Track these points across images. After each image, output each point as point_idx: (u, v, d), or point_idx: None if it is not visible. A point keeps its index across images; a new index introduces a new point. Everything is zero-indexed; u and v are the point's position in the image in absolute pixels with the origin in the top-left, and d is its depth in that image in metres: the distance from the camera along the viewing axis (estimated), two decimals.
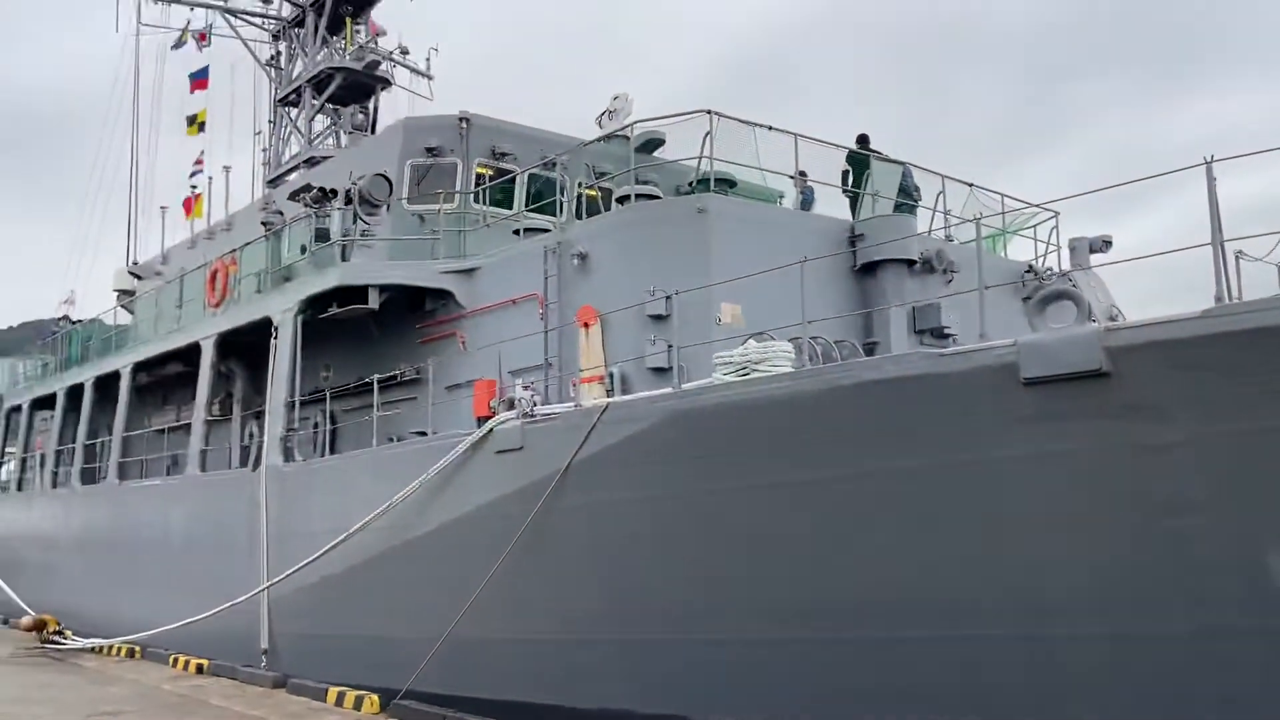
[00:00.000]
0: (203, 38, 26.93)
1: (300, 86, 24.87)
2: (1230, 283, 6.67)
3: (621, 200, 13.13)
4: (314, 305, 14.62)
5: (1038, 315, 7.14)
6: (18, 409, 26.51)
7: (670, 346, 10.95)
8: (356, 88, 24.43)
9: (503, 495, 10.43)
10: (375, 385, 13.28)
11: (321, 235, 15.37)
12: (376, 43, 25.36)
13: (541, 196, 15.57)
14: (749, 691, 8.99)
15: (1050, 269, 14.59)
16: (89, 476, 20.98)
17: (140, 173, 27.02)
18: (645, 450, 9.06)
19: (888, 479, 7.77)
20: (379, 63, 24.54)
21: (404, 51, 26.95)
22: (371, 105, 25.23)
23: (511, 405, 10.46)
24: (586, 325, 11.74)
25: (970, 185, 14.54)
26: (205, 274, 18.08)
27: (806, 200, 13.90)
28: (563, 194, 15.33)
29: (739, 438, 8.48)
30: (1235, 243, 6.84)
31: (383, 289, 14.03)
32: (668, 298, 11.03)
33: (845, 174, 13.78)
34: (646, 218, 11.81)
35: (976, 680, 7.89)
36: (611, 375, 11.30)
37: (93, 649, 16.87)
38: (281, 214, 16.90)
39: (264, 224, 16.92)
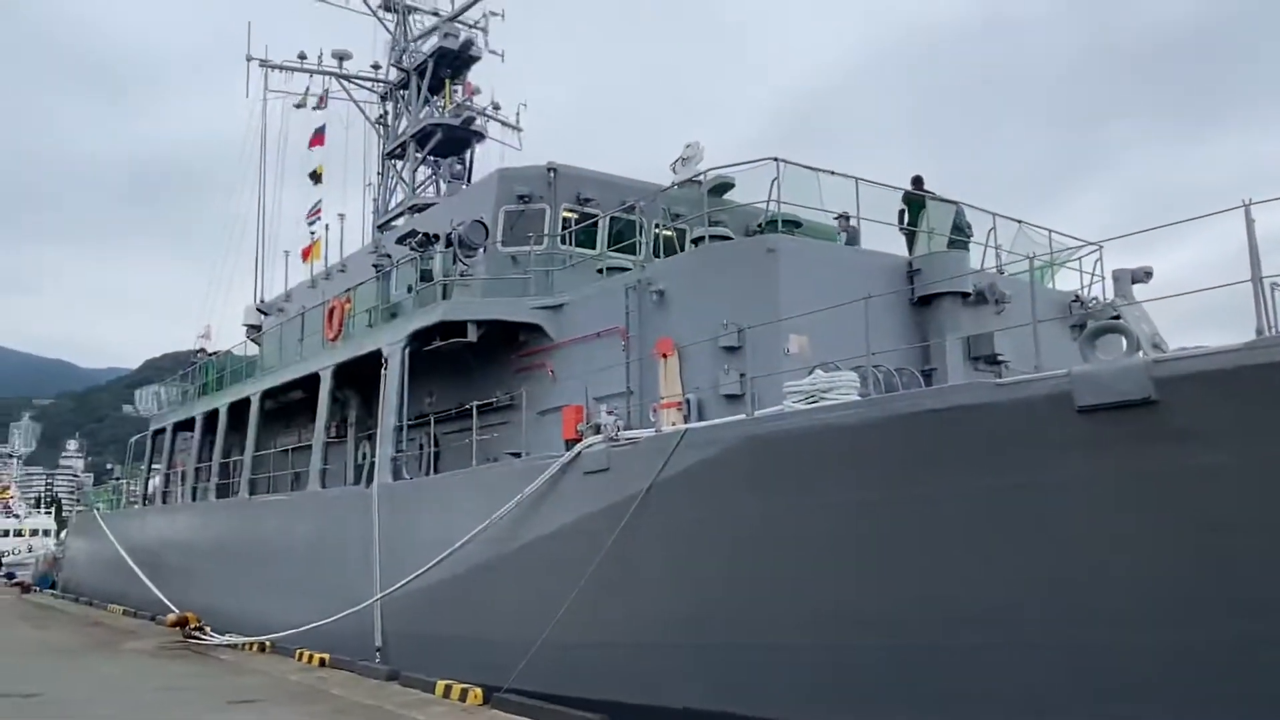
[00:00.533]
0: (321, 100, 27.96)
1: (405, 141, 25.68)
2: (1268, 316, 6.54)
3: (696, 241, 13.29)
4: (419, 338, 15.07)
5: (1089, 347, 7.06)
6: (162, 431, 27.70)
7: (742, 375, 11.07)
8: (454, 141, 25.12)
9: (591, 512, 10.60)
10: (474, 411, 13.62)
11: (425, 276, 15.88)
12: (472, 101, 26.06)
13: (622, 237, 15.85)
14: (817, 693, 8.97)
15: (1095, 299, 14.37)
16: (223, 491, 21.86)
17: (266, 220, 28.06)
18: (721, 472, 9.16)
19: (948, 499, 7.73)
20: (474, 119, 25.21)
21: (496, 107, 27.73)
22: (467, 156, 25.95)
23: (598, 430, 10.65)
24: (665, 356, 11.90)
25: (1020, 222, 14.37)
26: (323, 311, 18.75)
27: (851, 239, 13.94)
28: (641, 235, 15.62)
29: (808, 461, 8.52)
30: (1270, 279, 6.70)
31: (480, 324, 14.43)
32: (740, 330, 11.17)
33: (901, 213, 13.74)
34: (720, 257, 11.97)
35: (1032, 685, 7.78)
36: (688, 402, 11.43)
37: (230, 644, 17.42)
38: (389, 256, 17.46)
39: (374, 266, 17.50)
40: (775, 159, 11.46)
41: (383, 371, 15.44)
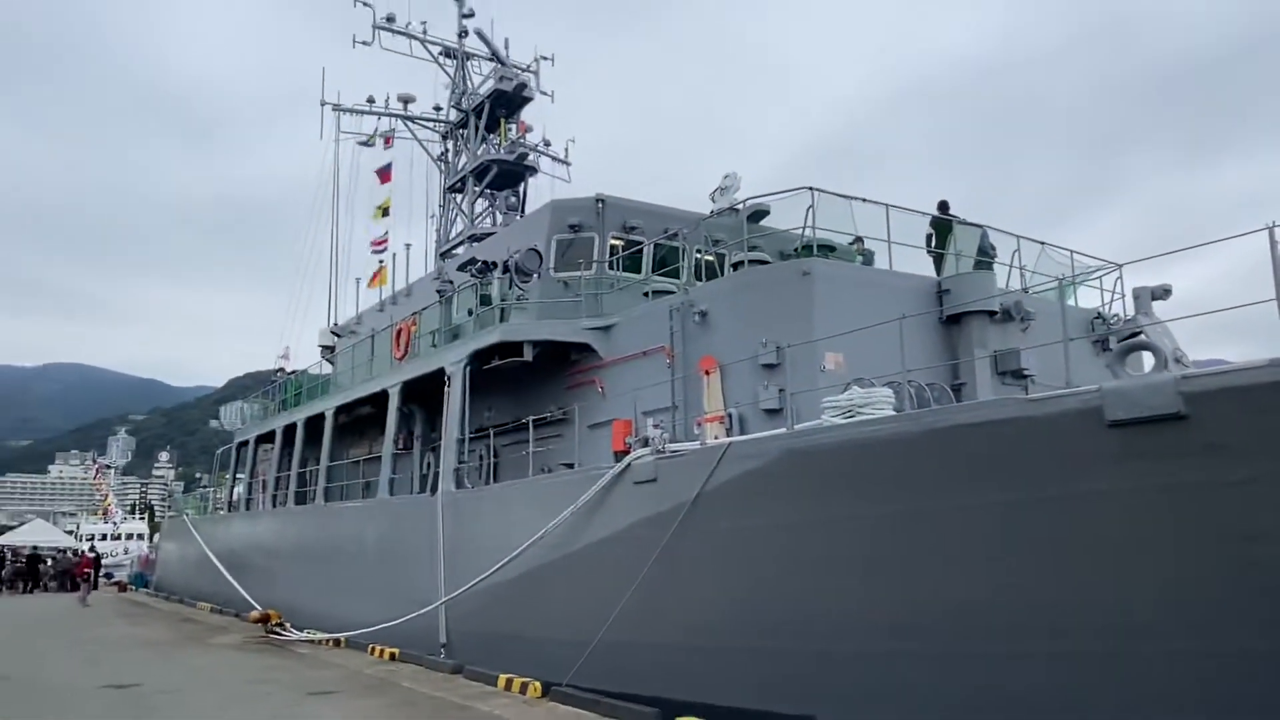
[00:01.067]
0: (388, 140, 28.46)
1: (465, 176, 26.02)
2: None
3: (735, 266, 13.22)
4: (479, 358, 15.19)
5: (1119, 363, 6.86)
6: (246, 443, 28.20)
7: (781, 391, 10.97)
8: (509, 175, 25.41)
9: (641, 520, 10.54)
10: (530, 425, 13.66)
11: (485, 300, 16.01)
12: (525, 138, 26.37)
13: (666, 262, 15.86)
14: (855, 697, 8.79)
15: (1116, 316, 14.11)
16: (300, 499, 22.16)
17: (339, 250, 28.55)
18: (763, 482, 9.05)
19: (981, 510, 7.54)
20: (527, 154, 25.49)
21: (546, 143, 27.98)
22: (521, 189, 26.22)
23: (646, 443, 10.59)
24: (708, 373, 11.84)
25: (1042, 244, 14.12)
26: (391, 333, 18.98)
27: (866, 260, 13.83)
28: (683, 260, 15.60)
29: (846, 473, 8.38)
30: None
31: (535, 344, 14.50)
32: (778, 348, 11.08)
33: (929, 237, 13.56)
34: (758, 280, 11.89)
35: (1067, 695, 7.53)
36: (730, 416, 11.35)
37: (308, 639, 17.61)
38: (451, 282, 17.64)
39: (437, 291, 17.68)
40: (810, 188, 11.38)
41: (446, 388, 15.56)
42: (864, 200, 11.97)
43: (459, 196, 27.10)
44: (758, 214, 16.07)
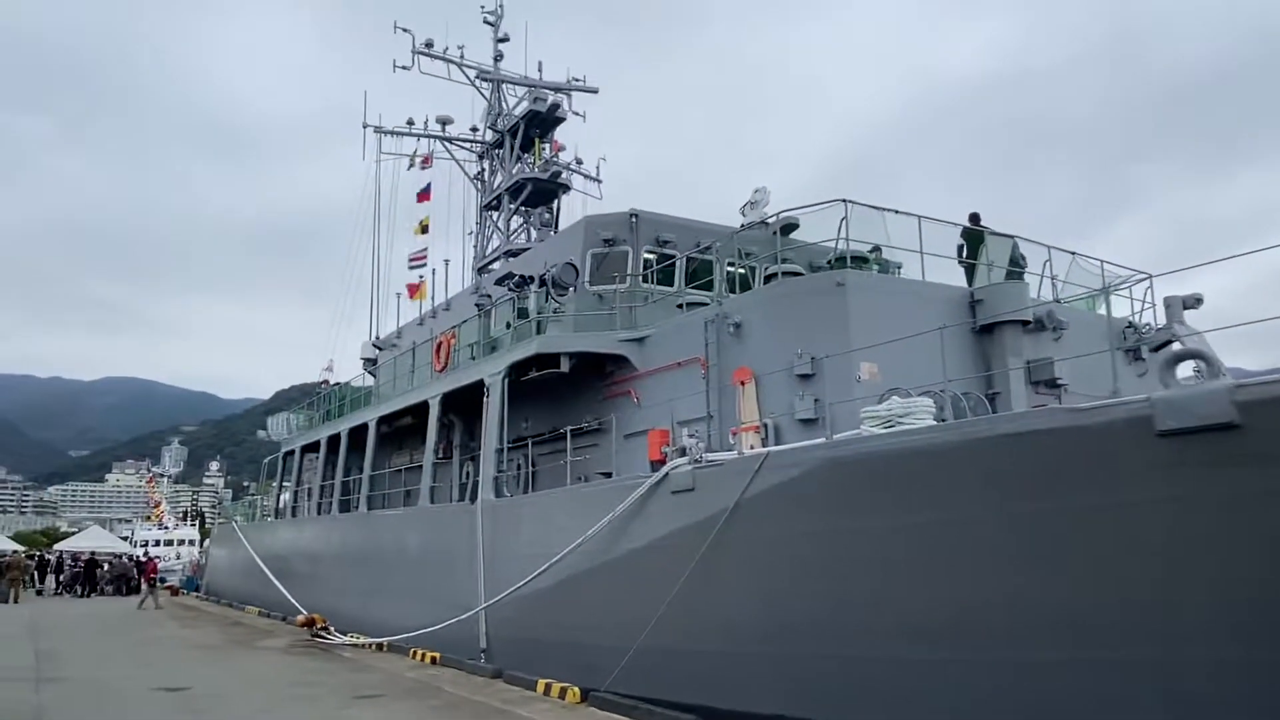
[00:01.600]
0: (426, 161, 28.64)
1: (500, 194, 26.11)
2: None
3: (769, 278, 13.01)
4: (517, 369, 15.09)
5: (1168, 372, 6.57)
6: (291, 453, 28.39)
7: (816, 401, 10.74)
8: (543, 193, 25.46)
9: (679, 528, 10.34)
10: (568, 435, 13.52)
11: (522, 313, 15.94)
12: (558, 157, 26.42)
13: (698, 275, 15.71)
14: (890, 703, 8.51)
15: (1148, 325, 13.75)
16: (344, 506, 22.20)
17: (379, 266, 28.73)
18: (802, 491, 8.82)
19: (1026, 520, 7.26)
20: (560, 172, 25.53)
21: (579, 161, 27.99)
22: (555, 206, 26.25)
23: (684, 453, 10.40)
24: (743, 383, 11.63)
25: (1073, 254, 13.77)
26: (432, 346, 18.98)
27: (883, 269, 13.59)
28: (716, 273, 15.44)
29: (885, 482, 8.13)
30: None
31: (571, 355, 14.38)
32: (813, 359, 10.85)
33: (960, 247, 13.27)
34: (793, 292, 11.68)
35: (1113, 701, 7.21)
36: (766, 426, 11.12)
37: (351, 643, 17.56)
38: (489, 296, 17.61)
39: (476, 305, 17.67)
40: (844, 200, 11.16)
41: (485, 399, 15.49)
42: (896, 211, 11.73)
43: (495, 214, 27.23)
44: (788, 227, 15.91)
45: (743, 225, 15.94)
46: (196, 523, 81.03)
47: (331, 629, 18.78)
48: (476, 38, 28.92)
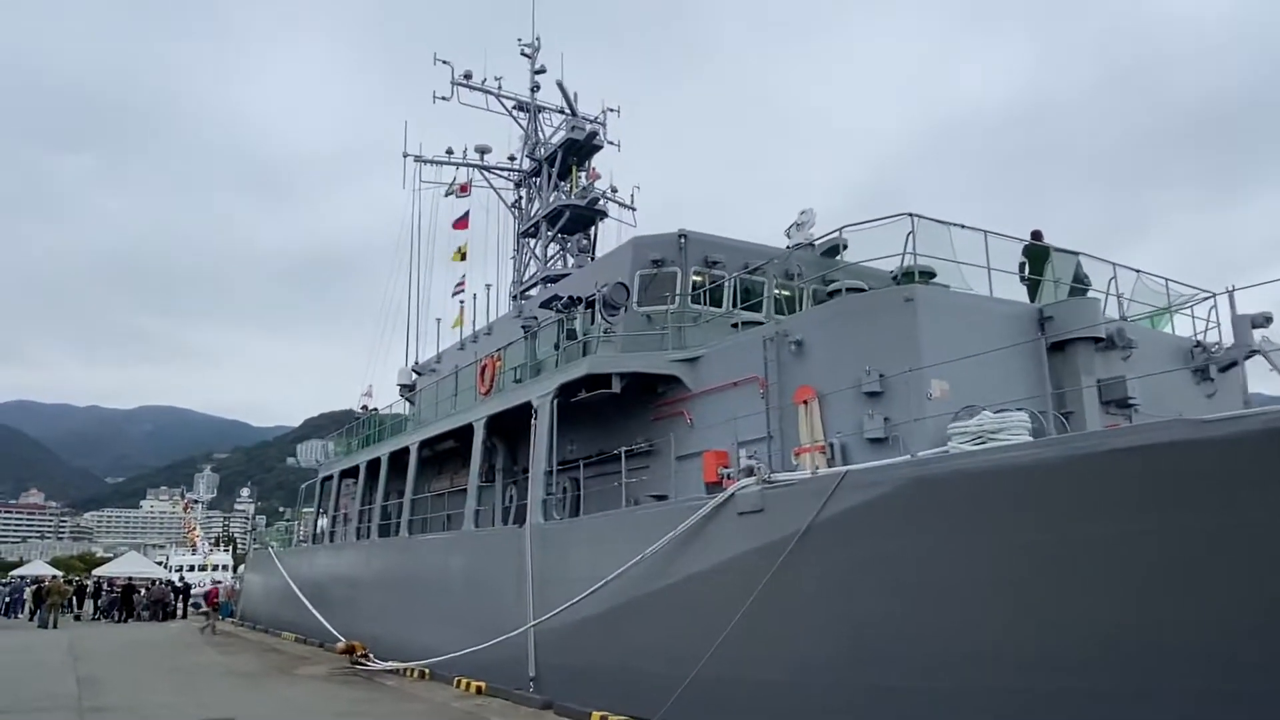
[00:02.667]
0: (464, 189, 28.57)
1: (538, 221, 25.94)
2: None
3: (832, 293, 12.45)
4: (566, 391, 14.66)
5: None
6: (330, 478, 28.02)
7: (887, 420, 10.21)
8: (579, 219, 25.26)
9: (744, 552, 9.78)
10: (623, 456, 13.01)
11: (570, 334, 15.55)
12: (594, 185, 26.24)
13: (747, 296, 15.30)
14: None
15: (1216, 344, 13.16)
16: (384, 531, 21.73)
17: (419, 292, 28.51)
18: (884, 513, 8.25)
19: (1140, 538, 6.66)
20: (598, 199, 25.33)
21: (613, 190, 27.84)
22: (592, 232, 26.01)
23: (750, 473, 9.87)
24: (805, 403, 11.11)
25: (1138, 271, 13.21)
26: (475, 369, 18.61)
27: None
28: (766, 293, 15.10)
29: (983, 500, 7.55)
30: None
31: (623, 376, 13.93)
32: (882, 377, 10.33)
33: (1023, 265, 12.75)
34: (858, 308, 11.15)
35: None
36: (832, 446, 10.57)
37: (392, 670, 17.02)
38: (535, 318, 17.25)
39: (522, 327, 17.30)
40: (910, 214, 10.68)
41: (533, 421, 15.03)
42: (962, 226, 11.24)
43: (532, 241, 27.07)
44: (833, 249, 15.56)
45: (789, 246, 15.59)
46: (229, 548, 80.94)
47: (371, 656, 18.25)
48: (513, 66, 29.02)
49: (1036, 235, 13.09)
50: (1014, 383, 10.64)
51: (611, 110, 28.78)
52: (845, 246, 14.35)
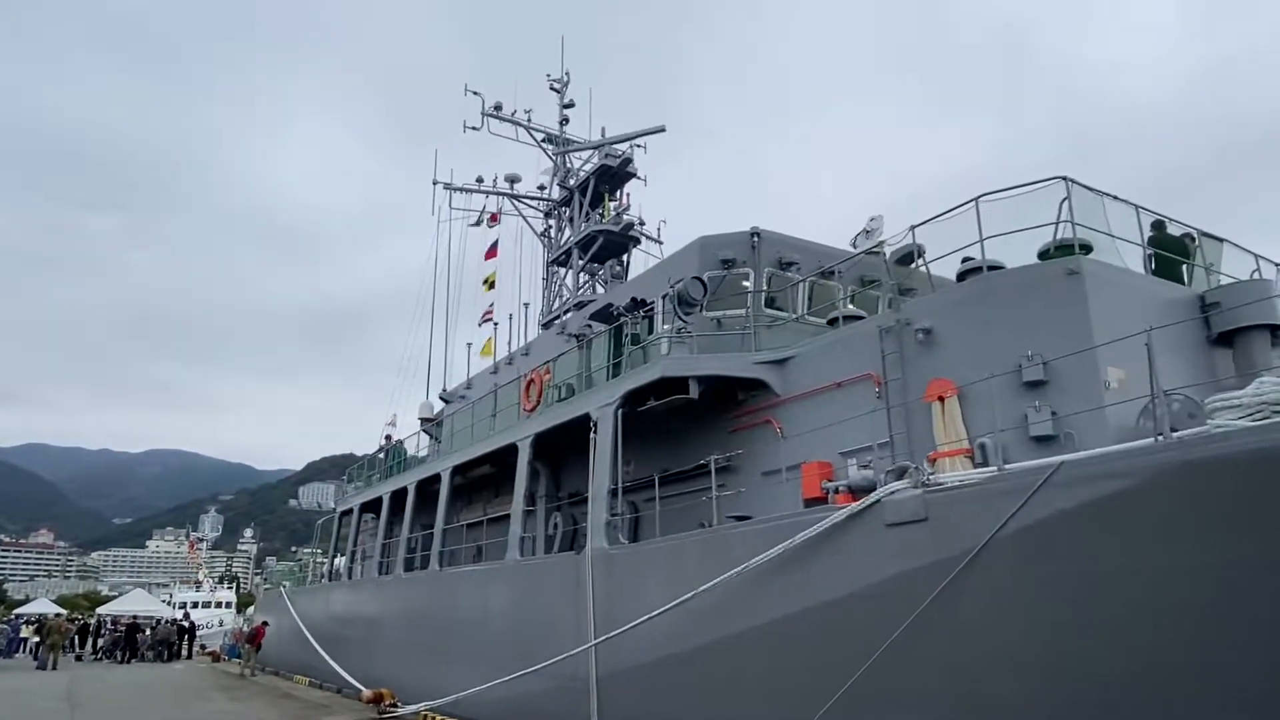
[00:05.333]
0: (494, 218, 26.90)
1: (570, 248, 24.21)
2: None
3: (962, 276, 10.24)
4: (633, 399, 12.49)
5: None
6: (349, 512, 25.44)
7: (1055, 413, 8.08)
8: (611, 246, 23.61)
9: (896, 573, 7.54)
10: (712, 467, 10.76)
11: (634, 339, 13.45)
12: (627, 210, 24.64)
13: (813, 301, 13.39)
14: None
15: None
16: (409, 565, 19.18)
17: (447, 322, 26.49)
18: (1120, 514, 6.08)
19: None
20: (631, 225, 23.68)
21: (641, 222, 26.22)
22: (625, 259, 24.28)
23: (902, 474, 7.69)
24: (941, 398, 8.98)
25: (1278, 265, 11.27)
26: (520, 384, 16.41)
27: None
28: (841, 297, 13.20)
29: (1271, 495, 5.40)
30: None
31: (700, 380, 11.76)
32: (1045, 363, 8.23)
33: (1150, 257, 10.80)
34: (1006, 286, 9.03)
35: None
36: (984, 446, 8.40)
37: (425, 713, 14.39)
38: (590, 326, 15.18)
39: (575, 336, 15.21)
40: (1064, 178, 8.73)
41: (592, 435, 12.81)
42: (1114, 198, 9.30)
43: (562, 270, 25.33)
44: (906, 257, 13.78)
45: (859, 251, 13.80)
46: (233, 586, 77.65)
47: (399, 703, 15.62)
48: (541, 100, 27.67)
49: (1159, 225, 11.20)
50: (1174, 374, 8.56)
51: (638, 145, 27.36)
52: (922, 254, 12.45)
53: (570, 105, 27.55)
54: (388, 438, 25.31)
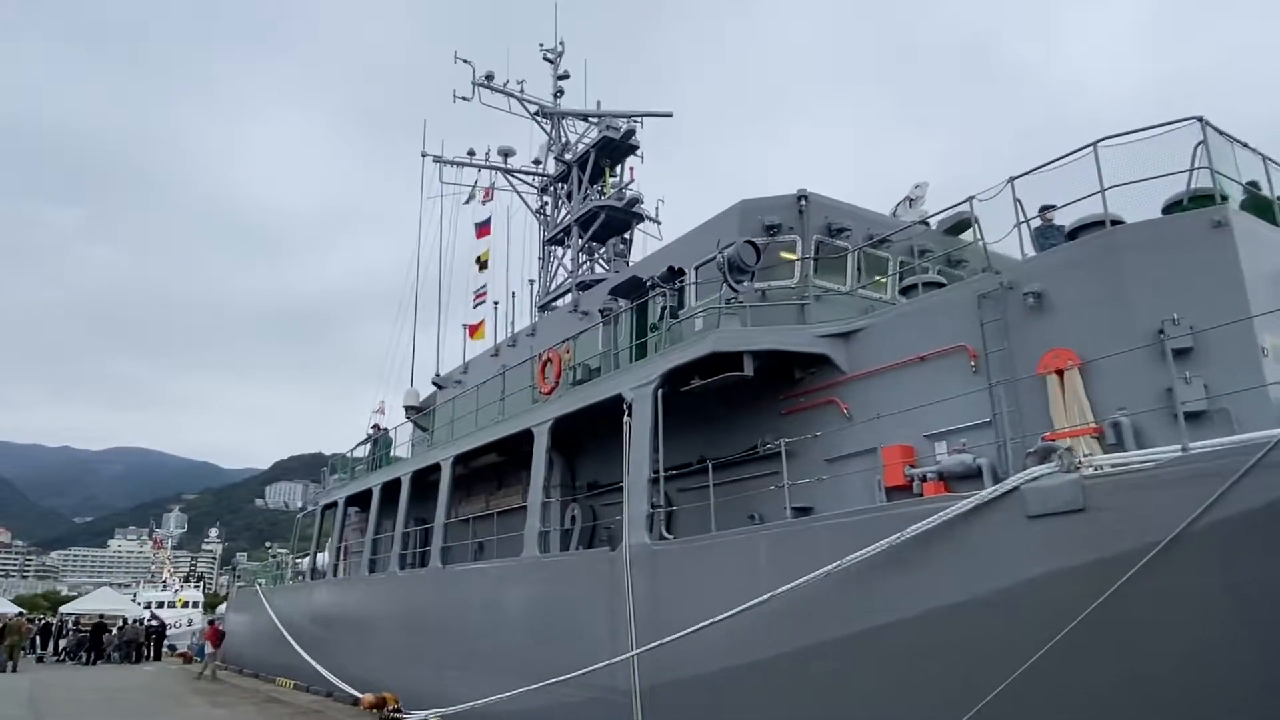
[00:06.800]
0: (488, 194, 25.29)
1: (568, 226, 22.72)
2: None
3: (1073, 233, 8.98)
4: (673, 378, 11.14)
5: None
6: (332, 505, 23.71)
7: (1207, 387, 6.92)
8: (613, 223, 22.17)
9: (1043, 573, 6.32)
10: (782, 451, 9.46)
11: (671, 312, 12.08)
12: (630, 186, 23.19)
13: (873, 271, 12.17)
14: None
15: None
16: (403, 561, 17.62)
17: (440, 306, 24.87)
18: None
19: None
20: (635, 200, 22.21)
21: (639, 202, 24.85)
22: (628, 236, 22.86)
23: (1046, 456, 6.46)
24: (1060, 372, 7.78)
25: None
26: (535, 365, 14.92)
27: (1045, 235, 9.61)
28: (891, 268, 12.06)
29: None
30: None
31: (755, 355, 10.44)
32: (1193, 329, 7.06)
33: None
34: (1135, 241, 7.81)
35: None
36: (1119, 426, 7.21)
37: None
38: (616, 301, 13.77)
39: (600, 312, 13.78)
40: (1200, 119, 7.55)
41: (625, 420, 11.44)
42: (1245, 145, 8.16)
43: (559, 249, 23.84)
44: (960, 225, 12.69)
45: (911, 222, 12.75)
46: (199, 585, 74.98)
47: (404, 709, 14.15)
48: (535, 70, 26.14)
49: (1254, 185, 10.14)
50: None
51: (636, 121, 25.91)
52: (976, 220, 11.27)
53: (565, 76, 26.06)
54: (375, 427, 23.63)
